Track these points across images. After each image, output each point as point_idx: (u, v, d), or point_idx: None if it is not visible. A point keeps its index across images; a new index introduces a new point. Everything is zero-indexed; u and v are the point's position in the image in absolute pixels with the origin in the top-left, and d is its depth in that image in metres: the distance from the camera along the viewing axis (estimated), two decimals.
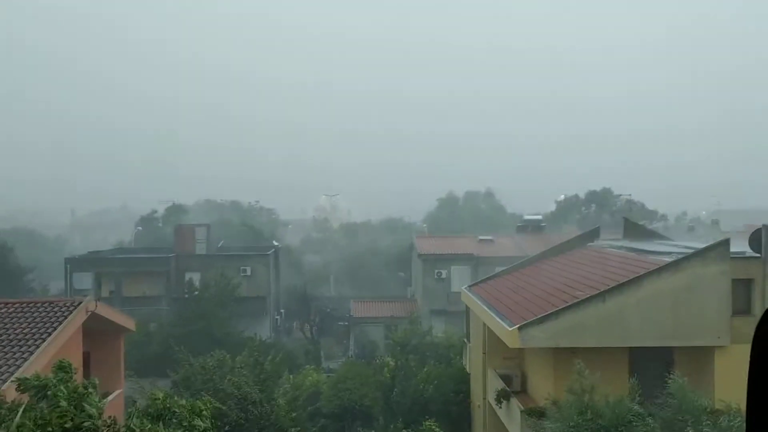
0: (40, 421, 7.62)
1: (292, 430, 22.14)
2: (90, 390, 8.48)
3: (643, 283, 16.95)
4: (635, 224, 26.79)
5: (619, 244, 23.94)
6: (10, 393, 13.69)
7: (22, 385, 8.57)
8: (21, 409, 8.48)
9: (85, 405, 7.96)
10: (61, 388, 8.23)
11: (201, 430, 8.28)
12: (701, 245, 19.16)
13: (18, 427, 7.60)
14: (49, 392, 8.29)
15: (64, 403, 7.91)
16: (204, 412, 8.56)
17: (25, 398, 9.32)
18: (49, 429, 7.55)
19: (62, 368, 8.62)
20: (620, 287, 17.02)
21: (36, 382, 8.43)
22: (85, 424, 7.67)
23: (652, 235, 25.67)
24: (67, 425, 7.63)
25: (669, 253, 19.03)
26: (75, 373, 9.03)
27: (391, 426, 23.56)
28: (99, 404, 8.18)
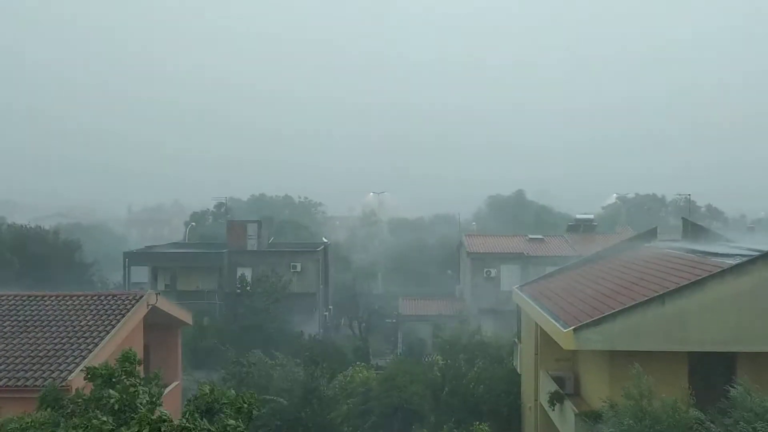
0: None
1: (346, 429, 22.33)
2: (155, 380, 8.76)
3: (705, 287, 16.42)
4: (695, 225, 26.00)
5: (678, 245, 23.27)
6: (77, 383, 14.23)
7: (90, 373, 8.86)
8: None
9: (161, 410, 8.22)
10: (132, 384, 8.47)
11: (240, 428, 8.42)
12: (765, 247, 18.47)
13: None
14: (133, 391, 8.53)
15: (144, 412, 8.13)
16: (245, 407, 8.70)
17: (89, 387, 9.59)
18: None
19: (127, 358, 8.88)
20: (681, 290, 16.54)
21: (103, 371, 8.71)
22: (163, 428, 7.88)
23: (712, 236, 24.87)
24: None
25: (732, 256, 18.41)
26: (140, 364, 9.28)
27: (444, 426, 23.49)
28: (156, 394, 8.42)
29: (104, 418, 8.29)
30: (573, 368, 21.56)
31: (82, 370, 9.96)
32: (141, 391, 9.03)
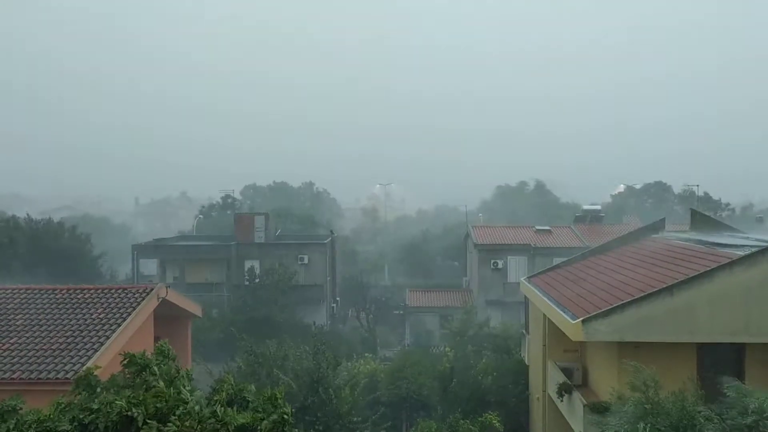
0: (133, 400, 7.96)
1: (354, 418, 22.44)
2: (183, 374, 8.84)
3: (714, 278, 16.40)
4: (703, 215, 25.92)
5: (687, 236, 23.22)
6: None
7: (127, 359, 8.98)
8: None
9: (181, 388, 8.31)
10: (154, 368, 8.57)
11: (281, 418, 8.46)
12: None
13: (108, 403, 7.94)
14: (144, 372, 8.66)
15: (161, 384, 8.24)
16: (279, 401, 8.76)
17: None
18: (141, 408, 7.87)
19: (161, 352, 8.98)
20: (690, 281, 16.52)
21: (140, 360, 8.82)
22: (179, 408, 7.97)
23: (721, 227, 24.80)
24: (159, 405, 7.95)
25: (741, 246, 18.37)
26: (174, 359, 9.38)
27: (450, 416, 23.59)
28: (191, 390, 8.51)
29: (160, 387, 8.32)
30: (581, 359, 21.60)
31: (121, 355, 9.84)
32: (184, 377, 9.10)
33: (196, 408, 8.14)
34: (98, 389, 8.71)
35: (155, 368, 8.56)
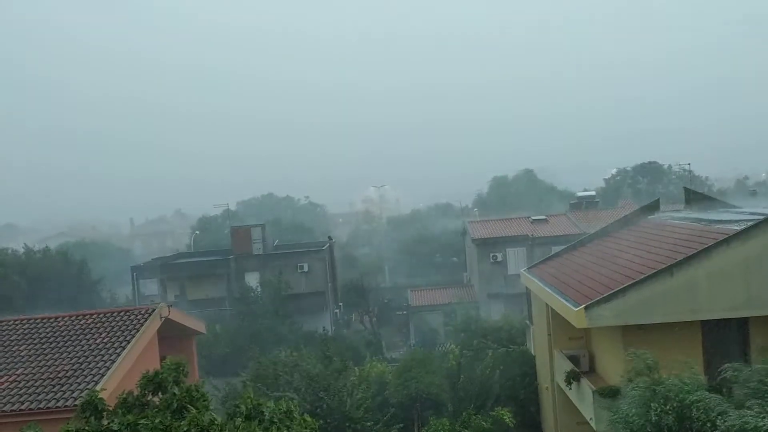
0: (161, 425, 7.96)
1: (368, 423, 22.46)
2: (201, 392, 8.86)
3: (712, 254, 16.48)
4: (697, 193, 26.02)
5: (682, 215, 23.31)
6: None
7: (143, 379, 8.98)
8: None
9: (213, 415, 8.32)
10: (175, 389, 8.57)
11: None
12: None
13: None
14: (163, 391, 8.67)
15: (193, 410, 8.24)
16: (295, 415, 8.77)
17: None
18: None
19: (176, 367, 8.98)
20: (688, 260, 16.59)
21: (156, 379, 8.81)
22: (211, 428, 7.99)
23: (715, 203, 24.90)
24: (193, 430, 7.96)
25: (737, 221, 18.45)
26: (187, 374, 9.39)
27: (462, 413, 23.64)
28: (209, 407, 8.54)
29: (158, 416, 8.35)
30: (587, 346, 21.66)
31: (141, 378, 9.89)
32: (205, 396, 9.16)
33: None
34: (104, 413, 8.71)
35: (176, 389, 8.58)
